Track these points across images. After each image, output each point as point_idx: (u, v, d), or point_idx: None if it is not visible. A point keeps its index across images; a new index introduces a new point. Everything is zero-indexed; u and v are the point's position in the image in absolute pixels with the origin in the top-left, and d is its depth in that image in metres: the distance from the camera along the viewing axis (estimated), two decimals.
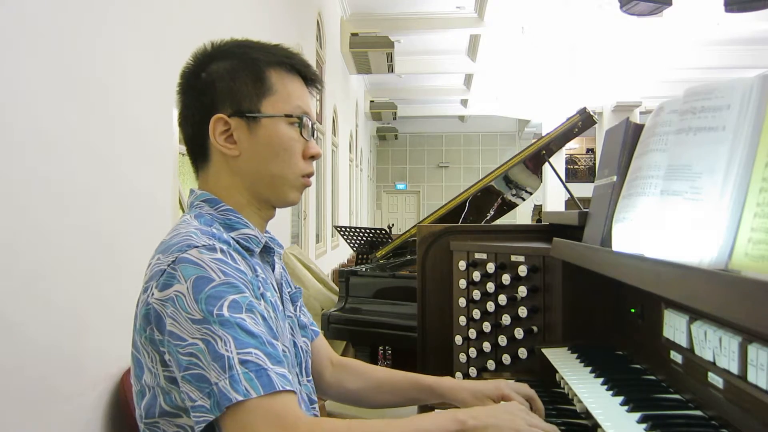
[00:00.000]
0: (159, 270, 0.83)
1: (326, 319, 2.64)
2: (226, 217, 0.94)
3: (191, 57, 0.99)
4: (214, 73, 0.95)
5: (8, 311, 1.29)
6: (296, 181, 0.98)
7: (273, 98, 0.95)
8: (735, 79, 0.78)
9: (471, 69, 11.42)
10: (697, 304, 0.70)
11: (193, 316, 0.77)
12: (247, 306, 0.80)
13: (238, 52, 0.97)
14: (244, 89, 0.94)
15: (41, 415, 1.39)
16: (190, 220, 0.92)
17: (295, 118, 0.96)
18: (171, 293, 0.79)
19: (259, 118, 0.94)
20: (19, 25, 1.34)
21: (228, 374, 0.74)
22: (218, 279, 0.80)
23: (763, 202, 0.67)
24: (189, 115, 0.97)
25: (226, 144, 0.94)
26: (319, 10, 6.54)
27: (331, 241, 7.71)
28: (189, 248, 0.83)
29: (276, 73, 0.96)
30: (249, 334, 0.77)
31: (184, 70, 0.99)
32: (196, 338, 0.77)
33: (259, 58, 0.96)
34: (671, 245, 0.81)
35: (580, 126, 2.69)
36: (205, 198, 0.96)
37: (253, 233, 0.95)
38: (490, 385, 1.13)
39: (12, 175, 1.31)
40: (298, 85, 0.99)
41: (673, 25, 8.15)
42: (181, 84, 0.99)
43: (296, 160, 0.97)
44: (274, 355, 0.78)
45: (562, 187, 3.55)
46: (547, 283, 1.38)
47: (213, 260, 0.82)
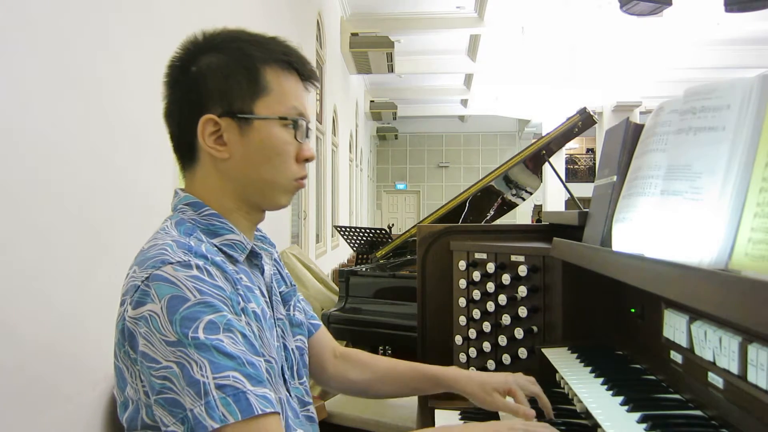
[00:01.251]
0: (133, 286, 0.78)
1: (326, 319, 2.64)
2: (209, 223, 0.89)
3: (180, 47, 0.93)
4: (205, 68, 0.89)
5: (8, 311, 1.29)
6: (289, 185, 0.93)
7: (267, 99, 0.90)
8: (735, 79, 0.78)
9: (471, 69, 11.42)
10: (697, 304, 0.70)
11: (168, 338, 0.73)
12: (224, 325, 0.75)
13: (233, 46, 0.90)
14: (237, 88, 0.88)
15: (41, 415, 1.39)
16: (170, 228, 0.87)
17: (290, 121, 0.91)
18: (144, 312, 0.75)
19: (251, 119, 0.89)
20: (19, 25, 1.34)
21: (204, 400, 0.71)
22: (194, 298, 0.75)
23: (763, 202, 0.67)
24: (176, 111, 0.91)
25: (215, 146, 0.89)
26: (319, 10, 6.54)
27: (331, 241, 7.71)
28: (163, 264, 0.78)
29: (272, 71, 0.90)
30: (227, 356, 0.73)
31: (172, 62, 0.92)
32: (170, 361, 0.73)
33: (254, 54, 0.90)
34: (671, 245, 0.81)
35: (580, 126, 2.70)
36: (189, 201, 0.91)
37: (238, 239, 0.90)
38: (500, 378, 1.12)
39: (12, 175, 1.31)
40: (294, 83, 0.93)
41: (673, 25, 8.15)
42: (168, 76, 0.92)
43: (289, 164, 0.92)
44: (254, 376, 0.74)
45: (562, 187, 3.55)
46: (547, 283, 1.38)
47: (188, 278, 0.77)
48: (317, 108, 6.67)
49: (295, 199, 5.36)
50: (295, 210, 5.35)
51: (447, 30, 8.78)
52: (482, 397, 1.10)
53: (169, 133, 0.94)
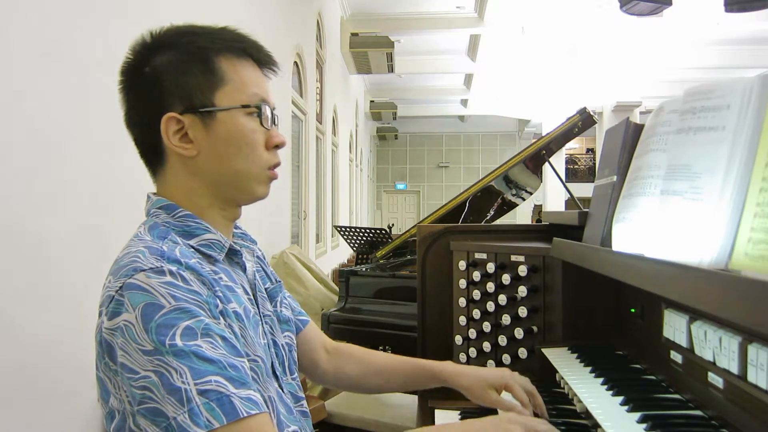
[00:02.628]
0: (108, 296, 0.77)
1: (326, 319, 2.65)
2: (184, 224, 0.87)
3: (129, 50, 0.90)
4: (158, 67, 0.87)
5: (9, 311, 1.29)
6: (261, 174, 0.91)
7: (226, 88, 0.87)
8: (735, 79, 0.78)
9: (471, 69, 11.43)
10: (697, 304, 0.70)
11: (144, 347, 0.72)
12: (202, 330, 0.74)
13: (183, 41, 0.88)
14: (194, 82, 0.86)
15: (41, 415, 1.39)
16: (143, 234, 0.85)
17: (253, 108, 0.88)
18: (120, 323, 0.74)
19: (213, 112, 0.86)
20: (19, 24, 1.34)
21: (187, 407, 0.69)
22: (168, 305, 0.74)
23: (763, 202, 0.67)
24: (136, 116, 0.89)
25: (181, 144, 0.86)
26: (319, 10, 6.54)
27: (331, 241, 7.72)
28: (135, 272, 0.76)
29: (226, 60, 0.88)
30: (206, 361, 0.72)
31: (124, 66, 0.90)
32: (148, 370, 0.71)
33: (206, 45, 0.88)
34: (671, 245, 0.81)
35: (580, 126, 2.70)
36: (162, 204, 0.89)
37: (215, 238, 0.88)
38: (496, 374, 1.11)
39: (12, 175, 1.31)
40: (252, 70, 0.91)
41: (673, 25, 8.16)
42: (122, 82, 0.90)
43: (260, 152, 0.90)
44: (237, 378, 0.73)
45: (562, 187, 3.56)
46: (547, 283, 1.38)
47: (162, 284, 0.75)
48: (317, 108, 6.67)
49: (295, 199, 5.37)
50: (295, 210, 5.36)
51: (447, 30, 8.79)
52: (477, 393, 1.10)
53: (133, 139, 0.92)
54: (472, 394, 1.11)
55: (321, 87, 6.98)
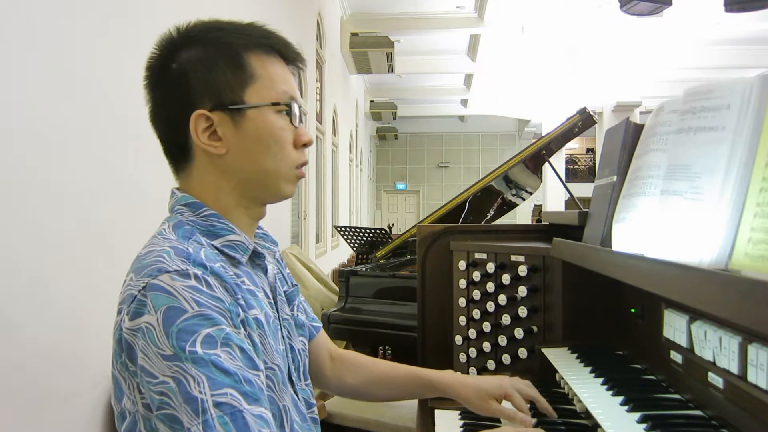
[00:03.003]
0: (130, 295, 0.75)
1: (326, 319, 2.64)
2: (209, 224, 0.86)
3: (155, 46, 0.88)
4: (186, 63, 0.85)
5: (8, 311, 1.29)
6: (290, 173, 0.90)
7: (256, 86, 0.86)
8: (735, 79, 0.78)
9: (471, 69, 11.43)
10: (697, 304, 0.70)
11: (164, 352, 0.71)
12: (222, 340, 0.73)
13: (210, 36, 0.87)
14: (222, 79, 0.85)
15: (41, 415, 1.39)
16: (168, 233, 0.83)
17: (283, 105, 0.87)
18: (141, 323, 0.73)
19: (243, 109, 0.85)
20: (19, 24, 1.34)
21: (201, 419, 0.68)
22: (191, 310, 0.72)
23: (763, 202, 0.67)
24: (162, 114, 0.88)
25: (210, 142, 0.85)
26: (319, 10, 6.54)
27: (331, 241, 7.71)
28: (160, 273, 0.75)
29: (255, 56, 0.87)
30: (224, 373, 0.71)
31: (150, 62, 0.88)
32: (167, 376, 0.70)
33: (234, 41, 0.86)
34: (671, 245, 0.81)
35: (580, 126, 2.70)
36: (187, 201, 0.87)
37: (239, 239, 0.87)
38: (494, 383, 1.11)
39: (12, 175, 1.31)
40: (280, 66, 0.90)
41: (673, 25, 8.16)
42: (148, 78, 0.89)
43: (288, 150, 0.88)
44: (250, 394, 0.72)
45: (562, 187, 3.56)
46: (547, 283, 1.38)
47: (186, 288, 0.74)
48: (317, 108, 6.67)
49: (295, 199, 5.37)
50: (295, 210, 5.36)
51: (447, 30, 8.79)
52: (477, 403, 1.10)
53: (159, 136, 0.91)
54: (472, 404, 1.11)
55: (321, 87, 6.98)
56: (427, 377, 1.15)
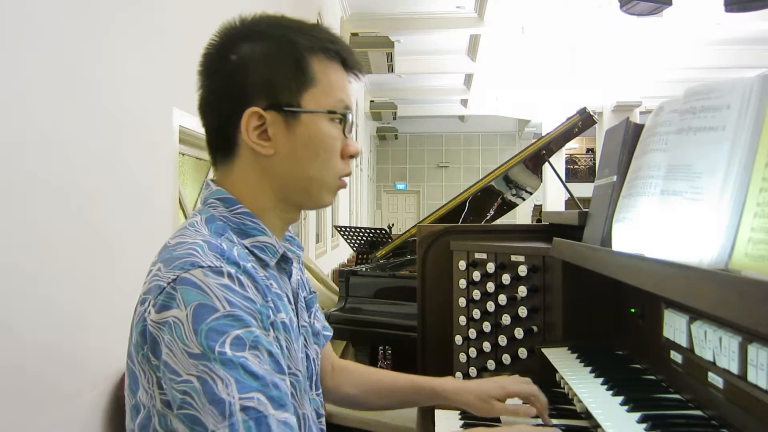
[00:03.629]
0: (157, 286, 0.73)
1: (326, 319, 2.64)
2: (241, 222, 0.84)
3: (217, 34, 0.86)
4: (247, 56, 0.83)
5: (8, 311, 1.29)
6: (333, 182, 0.88)
7: (315, 90, 0.84)
8: (735, 79, 0.78)
9: (471, 69, 11.42)
10: (697, 304, 0.70)
11: (191, 350, 0.68)
12: (251, 342, 0.70)
13: (276, 33, 0.84)
14: (282, 79, 0.82)
15: (41, 415, 1.39)
16: (200, 225, 0.81)
17: (339, 114, 0.85)
18: (168, 317, 0.70)
19: (299, 113, 0.83)
20: (20, 24, 1.34)
21: (228, 422, 0.66)
22: (222, 310, 0.70)
23: (763, 202, 0.67)
24: (214, 103, 0.85)
25: (259, 141, 0.83)
26: (319, 10, 6.54)
27: (331, 241, 7.72)
28: (193, 267, 0.72)
29: (318, 60, 0.84)
30: (252, 376, 0.68)
31: (209, 50, 0.86)
32: (191, 374, 0.68)
33: (300, 42, 0.83)
34: (671, 245, 0.81)
35: (580, 126, 2.70)
36: (221, 196, 0.85)
37: (270, 242, 0.85)
38: (495, 386, 1.11)
39: (12, 175, 1.31)
40: (341, 74, 0.88)
41: (673, 25, 8.15)
42: (204, 65, 0.86)
43: (335, 160, 0.87)
44: (277, 399, 0.70)
45: (562, 187, 3.56)
46: (547, 283, 1.38)
47: (219, 286, 0.71)
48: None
49: None
50: None
51: (447, 30, 8.78)
52: (480, 406, 1.10)
53: (205, 125, 0.88)
54: (475, 408, 1.10)
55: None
56: (429, 385, 1.14)
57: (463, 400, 1.11)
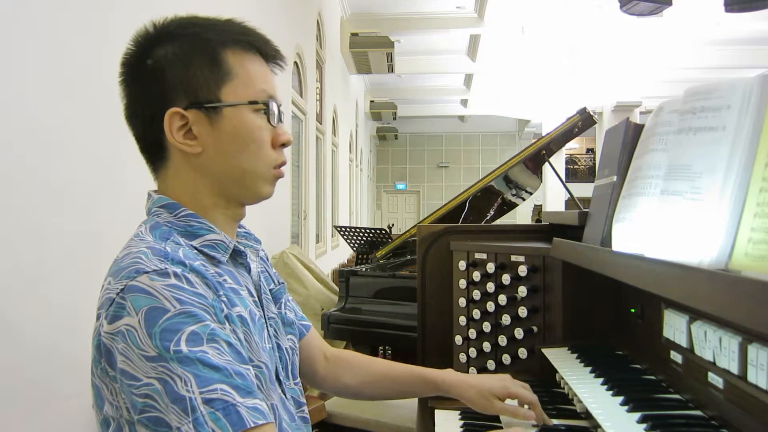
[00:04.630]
0: (108, 299, 0.74)
1: (326, 319, 2.64)
2: (187, 224, 0.84)
3: (131, 41, 0.86)
4: (162, 59, 0.83)
5: (8, 311, 1.29)
6: (268, 173, 0.88)
7: (233, 84, 0.84)
8: (735, 79, 0.78)
9: (471, 69, 11.42)
10: (697, 304, 0.70)
11: (147, 353, 0.68)
12: (208, 336, 0.71)
13: (187, 32, 0.85)
14: (199, 76, 0.82)
15: (41, 415, 1.39)
16: (144, 234, 0.82)
17: (261, 104, 0.85)
18: (121, 327, 0.71)
19: (220, 107, 0.83)
20: (20, 25, 1.34)
21: (191, 417, 0.66)
22: (173, 309, 0.70)
23: (763, 202, 0.67)
24: (138, 110, 0.85)
25: (185, 141, 0.83)
26: (319, 10, 6.54)
27: (331, 241, 7.71)
28: (138, 274, 0.73)
29: (233, 53, 0.85)
30: (212, 368, 0.69)
31: (126, 58, 0.86)
32: (151, 378, 0.68)
33: (211, 38, 0.84)
34: (671, 245, 0.81)
35: (580, 126, 2.70)
36: (163, 203, 0.86)
37: (219, 238, 0.85)
38: (498, 383, 1.10)
39: (12, 175, 1.31)
40: (259, 64, 0.88)
41: (673, 25, 8.16)
42: (123, 74, 0.86)
43: (266, 150, 0.87)
44: (243, 387, 0.70)
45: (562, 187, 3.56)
46: (547, 283, 1.38)
47: (166, 287, 0.72)
48: (317, 108, 6.67)
49: (295, 199, 5.37)
50: (295, 210, 5.35)
51: (447, 30, 8.78)
52: (481, 403, 1.10)
53: (134, 134, 0.89)
54: (475, 404, 1.10)
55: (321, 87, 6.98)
56: (430, 376, 1.14)
57: (463, 395, 1.11)
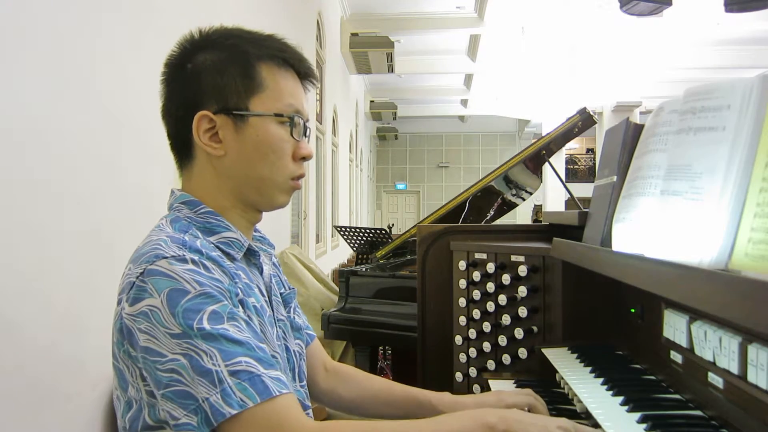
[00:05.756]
0: (129, 283, 0.78)
1: (326, 319, 2.64)
2: (205, 221, 0.89)
3: (176, 45, 0.93)
4: (200, 64, 0.89)
5: (8, 311, 1.29)
6: (285, 184, 0.93)
7: (263, 95, 0.89)
8: (735, 79, 0.78)
9: (471, 69, 11.41)
10: (697, 304, 0.70)
11: (172, 331, 0.73)
12: (228, 314, 0.76)
13: (228, 43, 0.91)
14: (231, 84, 0.88)
15: (41, 415, 1.39)
16: (164, 226, 0.87)
17: (286, 118, 0.90)
18: (143, 307, 0.75)
19: (246, 116, 0.88)
20: (19, 25, 1.34)
21: (219, 388, 0.70)
22: (193, 290, 0.75)
23: (763, 202, 0.67)
24: (172, 109, 0.92)
25: (210, 143, 0.89)
26: (319, 10, 6.54)
27: (331, 241, 7.71)
28: (157, 258, 0.77)
29: (267, 67, 0.90)
30: (235, 343, 0.73)
31: (169, 60, 0.93)
32: (176, 354, 0.72)
33: (249, 51, 0.90)
34: (671, 245, 0.81)
35: (580, 126, 2.70)
36: (185, 200, 0.91)
37: (235, 236, 0.89)
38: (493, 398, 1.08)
39: (12, 175, 1.31)
40: (291, 80, 0.93)
41: (673, 25, 8.15)
42: (165, 74, 0.93)
43: (285, 162, 0.91)
44: (265, 359, 0.75)
45: (562, 187, 3.56)
46: (547, 283, 1.38)
47: (185, 271, 0.76)
48: (317, 108, 6.67)
49: (294, 199, 5.37)
50: (295, 210, 5.35)
51: (447, 30, 8.78)
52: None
53: (167, 131, 0.95)
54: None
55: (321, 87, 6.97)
56: (425, 398, 1.12)
57: None
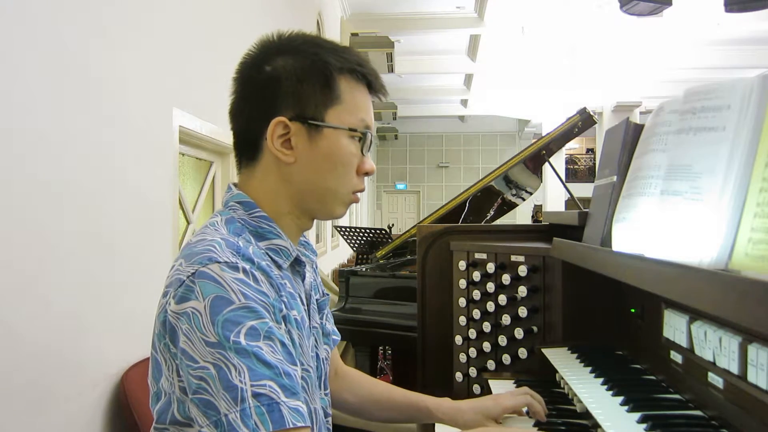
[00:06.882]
0: (178, 279, 0.79)
1: None
2: (258, 225, 0.89)
3: (255, 45, 0.93)
4: (280, 69, 0.89)
5: (8, 312, 1.29)
6: (346, 196, 0.94)
7: (339, 108, 0.90)
8: (735, 79, 0.78)
9: (471, 69, 11.41)
10: (697, 304, 0.70)
11: (208, 338, 0.73)
12: (265, 333, 0.75)
13: (309, 51, 0.90)
14: (310, 93, 0.89)
15: (41, 416, 1.39)
16: (219, 225, 0.87)
17: (359, 133, 0.91)
18: (187, 308, 0.76)
19: (321, 127, 0.89)
20: (19, 24, 1.34)
21: (240, 407, 0.71)
22: (238, 302, 0.75)
23: (763, 202, 0.67)
24: (245, 109, 0.92)
25: (282, 149, 0.88)
26: (319, 10, 6.54)
27: (331, 241, 7.72)
28: (210, 262, 0.78)
29: (346, 80, 0.91)
30: (265, 365, 0.73)
31: (246, 59, 0.93)
32: (207, 362, 0.73)
33: (330, 62, 0.90)
34: (671, 245, 0.81)
35: (580, 126, 2.70)
36: (241, 200, 0.91)
37: (284, 245, 0.90)
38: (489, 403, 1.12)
39: (11, 176, 1.31)
40: (365, 95, 0.95)
41: (673, 25, 8.15)
42: (240, 72, 0.93)
43: (351, 175, 0.93)
44: (289, 387, 0.74)
45: (562, 187, 3.56)
46: (547, 283, 1.38)
47: (234, 280, 0.76)
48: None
49: None
50: None
51: (447, 30, 8.78)
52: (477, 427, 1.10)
53: (234, 129, 0.94)
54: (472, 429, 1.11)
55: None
56: (424, 404, 1.16)
57: (458, 422, 1.12)
